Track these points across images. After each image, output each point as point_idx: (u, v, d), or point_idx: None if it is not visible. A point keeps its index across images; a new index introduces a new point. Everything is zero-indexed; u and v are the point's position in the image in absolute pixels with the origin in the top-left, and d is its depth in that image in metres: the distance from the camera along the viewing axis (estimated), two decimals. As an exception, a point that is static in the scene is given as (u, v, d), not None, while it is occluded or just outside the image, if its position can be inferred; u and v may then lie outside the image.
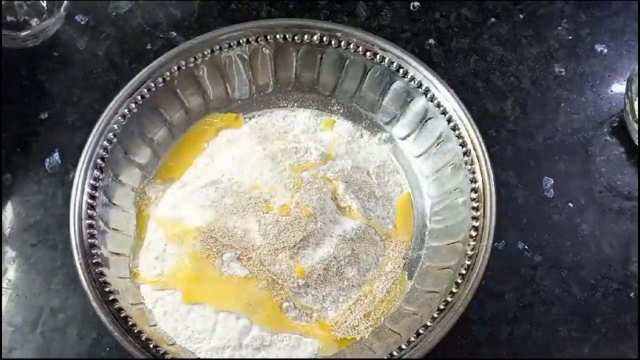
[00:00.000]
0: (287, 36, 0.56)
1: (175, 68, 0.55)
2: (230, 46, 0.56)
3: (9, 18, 0.60)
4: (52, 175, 0.58)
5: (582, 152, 0.60)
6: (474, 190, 0.51)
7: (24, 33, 0.60)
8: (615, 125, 0.61)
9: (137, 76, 0.54)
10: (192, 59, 0.55)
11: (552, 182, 0.59)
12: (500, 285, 0.55)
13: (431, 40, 0.65)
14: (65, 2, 0.61)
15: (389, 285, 0.53)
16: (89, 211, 0.50)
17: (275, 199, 0.52)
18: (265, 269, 0.50)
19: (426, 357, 0.46)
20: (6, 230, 0.56)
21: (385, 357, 0.47)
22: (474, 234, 0.49)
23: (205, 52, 0.55)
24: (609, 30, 0.66)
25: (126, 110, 0.53)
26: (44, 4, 0.62)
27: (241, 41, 0.56)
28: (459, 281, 0.48)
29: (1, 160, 0.59)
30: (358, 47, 0.56)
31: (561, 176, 0.59)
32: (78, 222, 0.49)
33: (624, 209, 0.58)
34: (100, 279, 0.48)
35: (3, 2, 0.58)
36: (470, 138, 0.52)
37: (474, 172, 0.51)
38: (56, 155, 0.59)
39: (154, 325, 0.49)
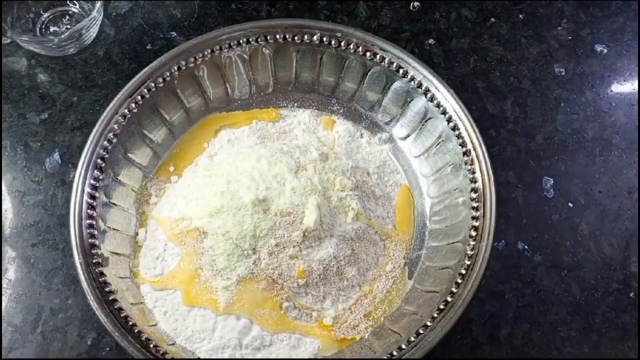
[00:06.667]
0: (287, 36, 0.56)
1: (175, 68, 0.55)
2: (230, 46, 0.56)
3: (52, 28, 0.61)
4: (52, 175, 0.58)
5: (582, 152, 0.60)
6: (474, 190, 0.51)
7: (58, 38, 0.59)
8: (615, 124, 0.62)
9: (137, 76, 0.54)
10: (192, 59, 0.55)
11: (552, 182, 0.59)
12: (500, 285, 0.55)
13: (431, 40, 0.65)
14: (98, 3, 0.61)
15: (389, 285, 0.53)
16: (89, 211, 0.50)
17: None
18: (265, 269, 0.50)
19: (426, 357, 0.46)
20: (6, 230, 0.56)
21: (385, 357, 0.47)
22: (474, 234, 0.49)
23: (205, 52, 0.56)
24: (609, 30, 0.66)
25: (126, 110, 0.53)
26: (76, 7, 0.63)
27: (241, 41, 0.56)
28: (459, 281, 0.48)
29: (1, 160, 0.59)
30: (358, 47, 0.56)
31: (561, 176, 0.59)
32: (78, 222, 0.49)
33: (624, 209, 0.58)
34: (100, 279, 0.48)
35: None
36: (470, 138, 0.52)
37: (473, 172, 0.51)
38: (56, 155, 0.59)
39: (154, 325, 0.49)
